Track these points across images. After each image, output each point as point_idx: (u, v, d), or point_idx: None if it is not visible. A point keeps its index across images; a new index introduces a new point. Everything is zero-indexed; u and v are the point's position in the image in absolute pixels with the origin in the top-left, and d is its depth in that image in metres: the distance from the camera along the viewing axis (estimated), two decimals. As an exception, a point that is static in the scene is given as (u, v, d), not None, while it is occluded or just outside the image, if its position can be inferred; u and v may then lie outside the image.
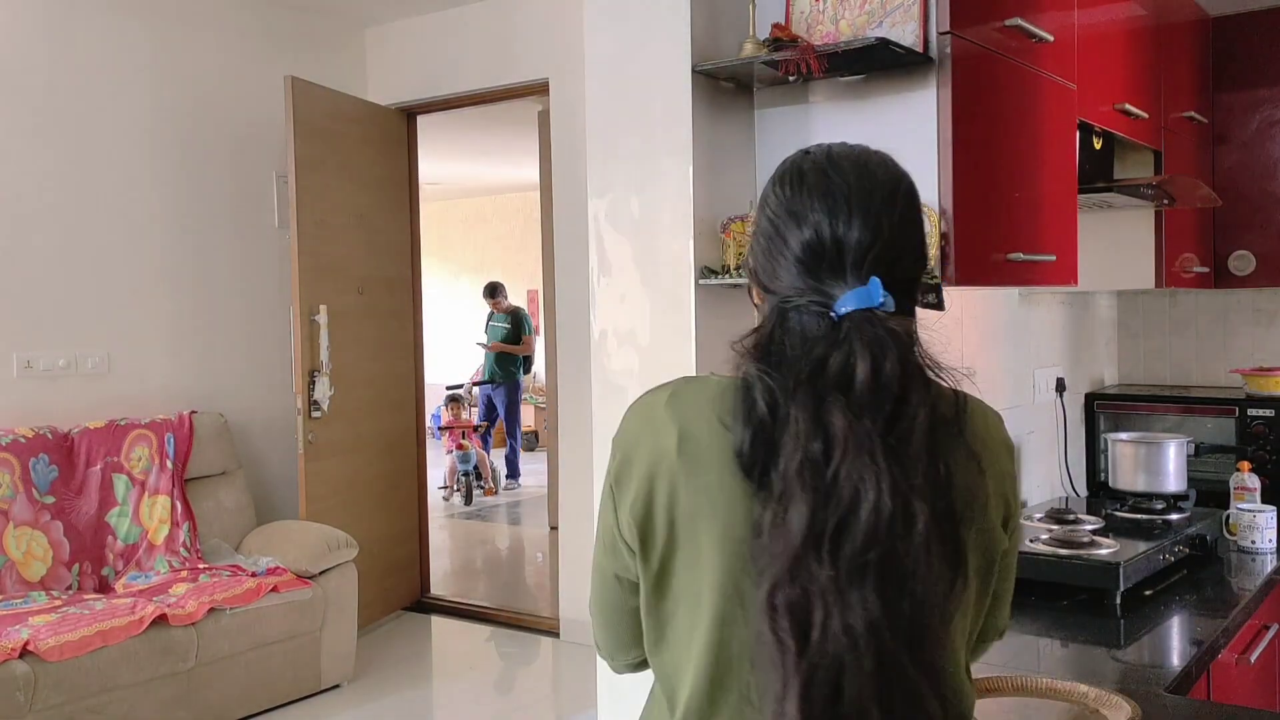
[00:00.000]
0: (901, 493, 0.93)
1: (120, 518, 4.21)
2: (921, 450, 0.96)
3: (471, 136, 8.13)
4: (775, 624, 0.93)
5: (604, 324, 2.17)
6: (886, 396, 0.96)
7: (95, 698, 3.44)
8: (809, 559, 0.93)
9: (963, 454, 1.02)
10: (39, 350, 4.24)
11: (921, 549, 0.94)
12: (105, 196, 4.45)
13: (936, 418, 0.98)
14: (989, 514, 1.06)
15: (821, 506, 0.93)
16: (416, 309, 5.50)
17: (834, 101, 2.08)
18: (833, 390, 0.96)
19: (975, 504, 1.03)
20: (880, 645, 0.91)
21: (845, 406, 0.95)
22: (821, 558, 0.93)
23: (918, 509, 0.93)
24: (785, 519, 0.95)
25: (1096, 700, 1.61)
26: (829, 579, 0.92)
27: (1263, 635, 2.34)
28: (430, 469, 5.78)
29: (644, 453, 1.08)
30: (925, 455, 0.96)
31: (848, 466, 0.94)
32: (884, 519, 0.92)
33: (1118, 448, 2.93)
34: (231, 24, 4.90)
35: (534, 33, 4.87)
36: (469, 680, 4.58)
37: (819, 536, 0.93)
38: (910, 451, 0.95)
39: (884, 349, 0.97)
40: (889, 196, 1.07)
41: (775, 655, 0.93)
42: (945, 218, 1.93)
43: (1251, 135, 3.38)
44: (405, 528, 5.39)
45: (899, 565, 0.93)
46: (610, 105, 2.14)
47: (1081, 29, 2.44)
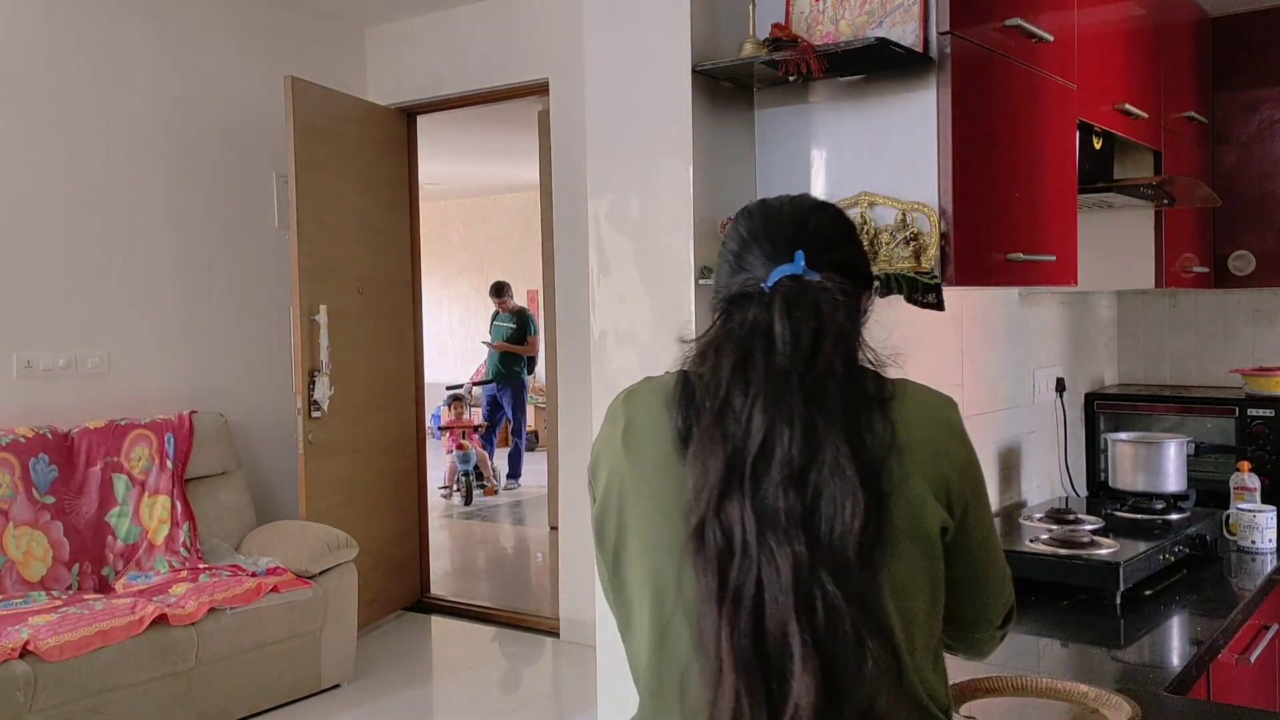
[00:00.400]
0: (815, 428, 1.00)
1: (120, 518, 4.21)
2: (837, 398, 1.03)
3: (471, 136, 8.13)
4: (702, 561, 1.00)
5: (604, 324, 2.17)
6: (805, 348, 1.05)
7: (95, 698, 3.44)
8: (727, 499, 1.01)
9: (879, 424, 1.07)
10: (39, 350, 4.24)
11: (832, 478, 1.00)
12: (105, 196, 4.45)
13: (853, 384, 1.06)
14: (910, 488, 1.09)
15: (738, 449, 1.02)
16: (416, 309, 5.50)
17: (834, 101, 2.08)
18: (757, 344, 1.05)
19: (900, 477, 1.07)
20: (797, 564, 0.97)
21: (765, 356, 1.04)
22: (739, 496, 1.00)
23: (827, 442, 1.00)
24: (706, 467, 1.03)
25: (1096, 700, 1.61)
26: (747, 516, 0.99)
27: (1263, 635, 2.34)
28: (430, 469, 5.78)
29: (603, 449, 1.19)
30: (840, 404, 1.03)
31: (762, 410, 1.02)
32: (798, 455, 1.00)
33: (1118, 448, 2.93)
34: (231, 24, 4.90)
35: (534, 33, 4.87)
36: (469, 680, 4.58)
37: (737, 477, 1.01)
38: (827, 397, 1.02)
39: (803, 307, 1.07)
40: (819, 227, 1.19)
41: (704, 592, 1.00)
42: (945, 218, 1.93)
43: (1251, 135, 3.38)
44: (405, 528, 5.39)
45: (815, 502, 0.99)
46: (610, 105, 2.14)
47: (1081, 29, 2.44)
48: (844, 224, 1.24)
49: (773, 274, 1.12)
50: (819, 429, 1.01)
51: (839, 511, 0.99)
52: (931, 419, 1.15)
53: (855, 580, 0.99)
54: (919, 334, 2.54)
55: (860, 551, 0.99)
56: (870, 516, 1.01)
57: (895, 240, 1.95)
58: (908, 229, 1.95)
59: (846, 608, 0.97)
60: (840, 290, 1.11)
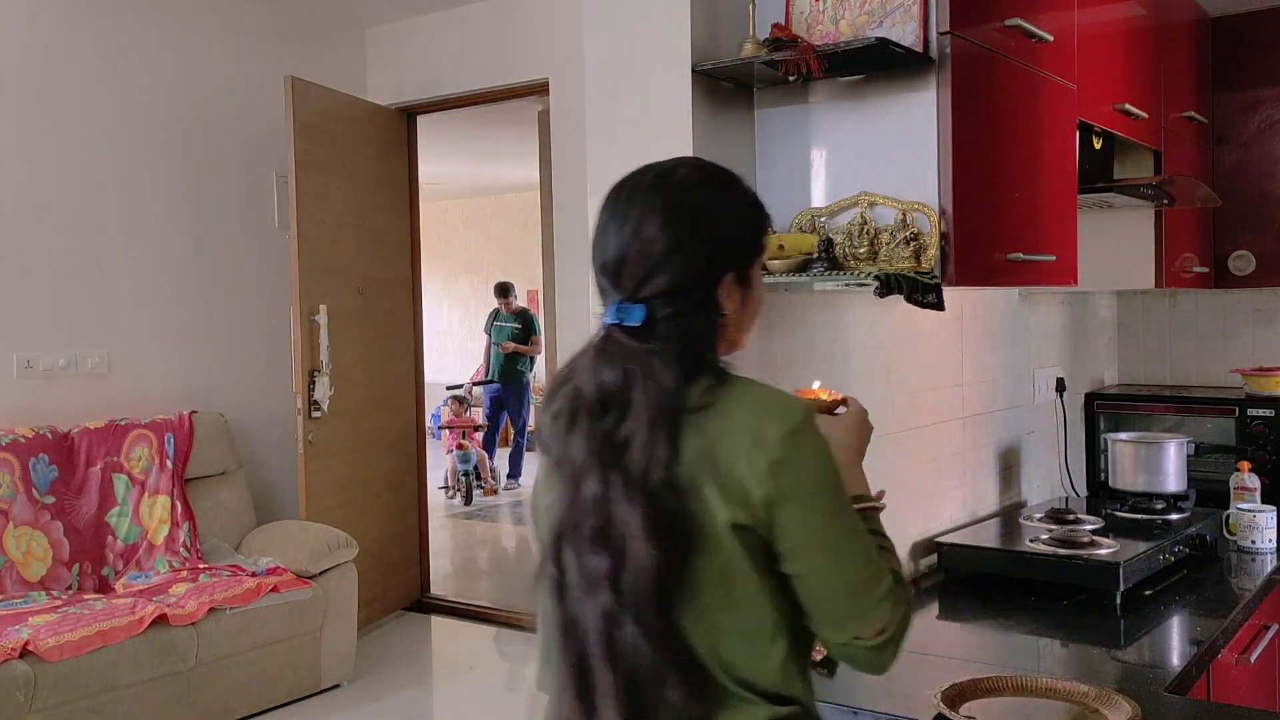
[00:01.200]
0: (612, 491, 1.11)
1: (120, 518, 4.21)
2: (641, 444, 1.11)
3: (471, 136, 8.13)
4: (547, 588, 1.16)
5: (604, 324, 2.17)
6: (610, 400, 1.13)
7: (95, 698, 3.44)
8: (564, 539, 1.14)
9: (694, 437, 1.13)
10: (39, 350, 4.24)
11: (628, 538, 1.09)
12: (105, 196, 4.45)
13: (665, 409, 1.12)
14: (702, 494, 1.12)
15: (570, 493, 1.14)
16: (416, 309, 5.50)
17: (834, 101, 2.08)
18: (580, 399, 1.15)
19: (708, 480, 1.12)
20: (604, 613, 1.10)
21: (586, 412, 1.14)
22: (571, 539, 1.14)
23: (623, 504, 1.10)
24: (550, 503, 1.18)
25: (1096, 700, 1.61)
26: (572, 555, 1.13)
27: (1263, 635, 2.34)
28: (430, 469, 5.78)
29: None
30: (644, 447, 1.11)
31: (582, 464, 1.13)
32: (598, 502, 1.11)
33: (1118, 448, 2.93)
34: (231, 24, 4.90)
35: (534, 33, 4.87)
36: (469, 680, 4.58)
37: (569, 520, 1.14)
38: (627, 457, 1.11)
39: (609, 360, 1.14)
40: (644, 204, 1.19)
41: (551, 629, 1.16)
42: (945, 218, 1.93)
43: (1251, 135, 3.38)
44: (405, 528, 5.39)
45: (615, 550, 1.10)
46: (610, 105, 2.14)
47: (1081, 29, 2.44)
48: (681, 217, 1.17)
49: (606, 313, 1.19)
50: (617, 491, 1.11)
51: (637, 566, 1.09)
52: (742, 425, 1.13)
53: (654, 623, 1.09)
54: (919, 334, 2.54)
55: (658, 598, 1.09)
56: (665, 568, 1.09)
57: (895, 240, 1.95)
58: (908, 229, 1.95)
59: (648, 649, 1.09)
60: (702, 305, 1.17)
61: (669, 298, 1.15)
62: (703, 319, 1.17)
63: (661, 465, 1.10)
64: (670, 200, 1.18)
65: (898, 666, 1.21)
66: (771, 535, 1.13)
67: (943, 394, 2.64)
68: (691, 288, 1.17)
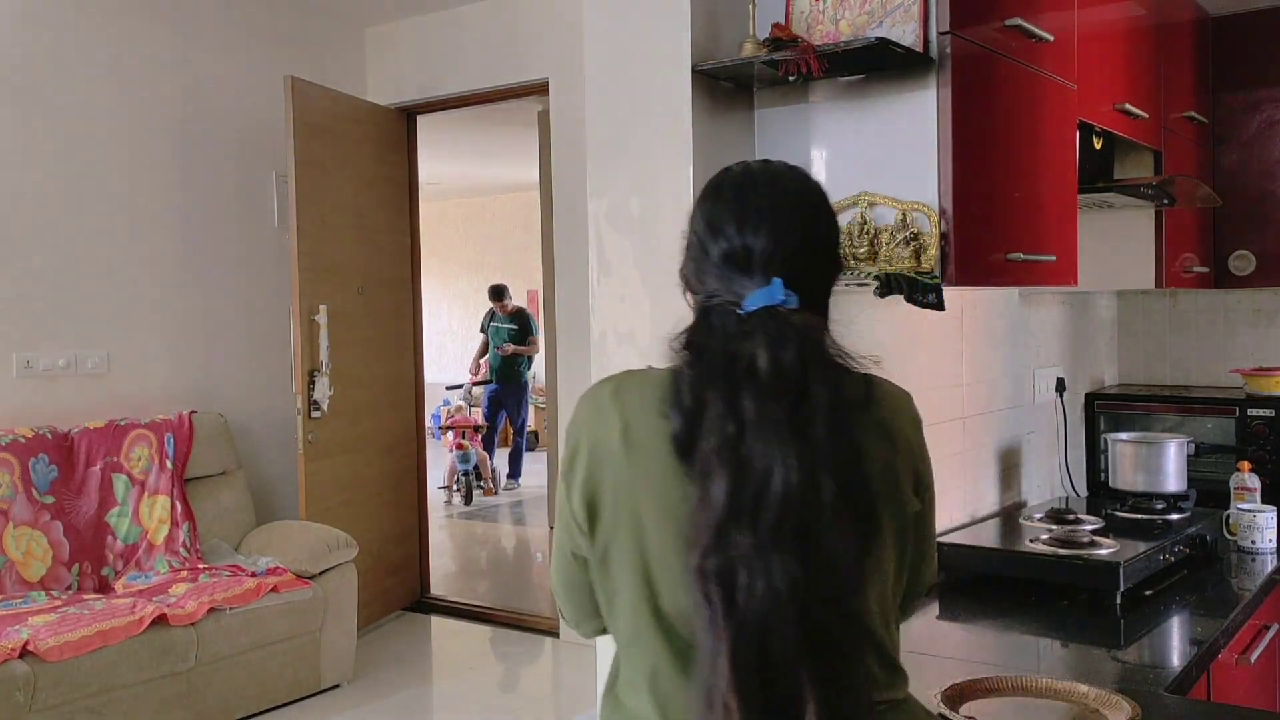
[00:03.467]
0: (807, 466, 1.04)
1: (120, 518, 4.21)
2: (825, 428, 1.06)
3: (471, 136, 8.13)
4: (705, 589, 1.03)
5: (604, 324, 2.17)
6: (789, 382, 1.07)
7: (95, 698, 3.44)
8: (730, 528, 1.03)
9: (873, 431, 1.16)
10: (39, 350, 4.24)
11: (829, 516, 1.04)
12: (105, 196, 4.45)
13: (841, 399, 1.09)
14: (901, 484, 1.20)
15: (738, 481, 1.04)
16: (416, 309, 5.50)
17: (834, 101, 2.08)
18: (744, 378, 1.08)
19: (889, 475, 1.18)
20: (800, 604, 1.01)
21: (755, 392, 1.07)
22: (742, 527, 1.03)
23: (823, 480, 1.04)
24: (709, 494, 1.06)
25: (1096, 700, 1.61)
26: (750, 545, 1.02)
27: (1263, 635, 2.34)
28: (430, 469, 5.78)
29: (591, 440, 1.21)
30: (829, 432, 1.07)
31: (759, 445, 1.05)
32: (793, 490, 1.03)
33: (1118, 448, 2.93)
34: (231, 24, 4.90)
35: (534, 33, 4.87)
36: (469, 680, 4.58)
37: (739, 508, 1.04)
38: (815, 430, 1.06)
39: (783, 340, 1.09)
40: (794, 207, 1.20)
41: (706, 618, 1.03)
42: (945, 218, 1.93)
43: (1251, 135, 3.38)
44: (405, 528, 5.39)
45: (811, 531, 1.03)
46: (610, 105, 2.14)
47: (1081, 29, 2.44)
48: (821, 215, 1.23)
49: (748, 299, 1.13)
50: (812, 464, 1.05)
51: (833, 541, 1.04)
52: (904, 416, 1.24)
53: (849, 603, 1.06)
54: (919, 334, 2.54)
55: (854, 575, 1.07)
56: (862, 542, 1.09)
57: (895, 240, 1.95)
58: (908, 229, 1.95)
59: (843, 630, 1.05)
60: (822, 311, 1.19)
61: (814, 289, 1.19)
62: (825, 321, 1.19)
63: (850, 453, 1.08)
64: (818, 198, 1.24)
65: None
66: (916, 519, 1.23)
67: (943, 394, 2.64)
68: (828, 283, 1.23)
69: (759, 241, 1.16)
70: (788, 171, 1.25)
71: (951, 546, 2.48)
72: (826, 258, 1.23)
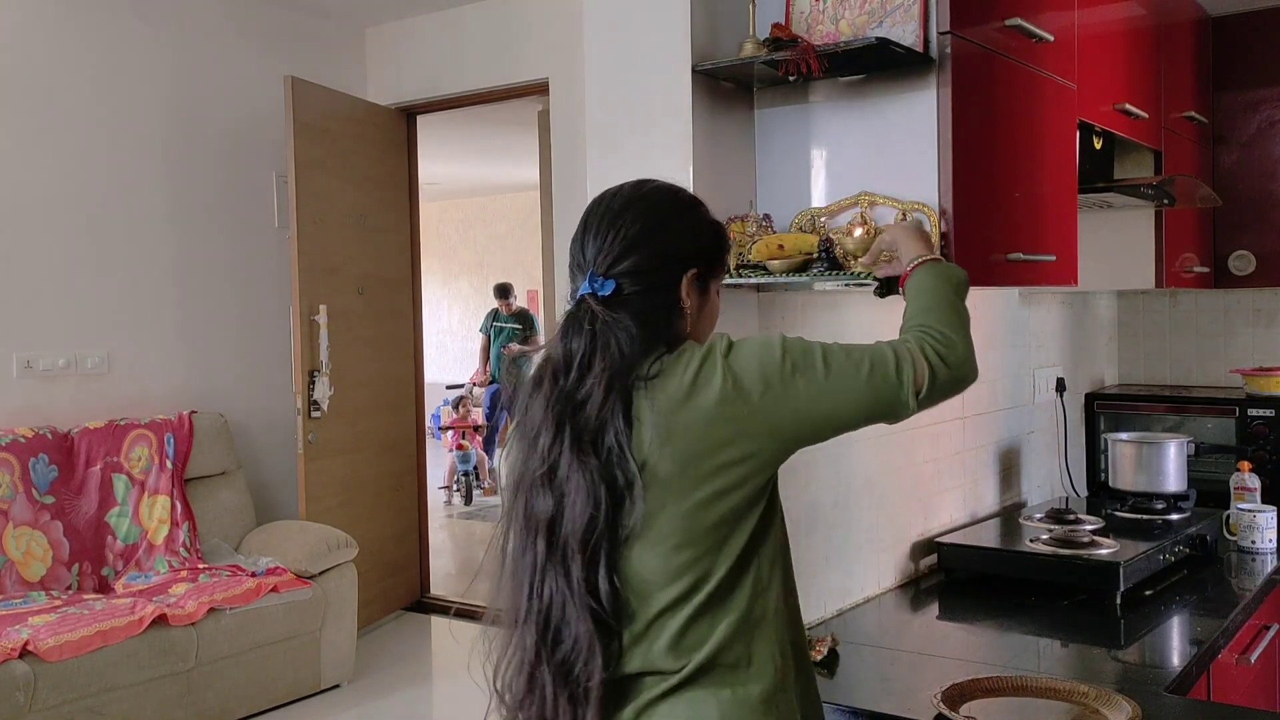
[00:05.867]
0: (563, 448, 1.24)
1: (120, 518, 4.21)
2: (596, 404, 1.23)
3: (471, 136, 8.12)
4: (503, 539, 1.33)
5: (604, 324, 2.17)
6: (576, 372, 1.26)
7: (95, 698, 3.44)
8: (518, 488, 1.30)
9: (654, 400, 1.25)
10: (39, 350, 4.24)
11: (570, 490, 1.24)
12: (105, 196, 4.45)
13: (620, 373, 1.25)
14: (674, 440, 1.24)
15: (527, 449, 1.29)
16: (416, 309, 5.50)
17: (834, 101, 2.08)
18: (549, 364, 1.30)
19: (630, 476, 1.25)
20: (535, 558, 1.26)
21: (551, 375, 1.28)
22: (522, 486, 1.29)
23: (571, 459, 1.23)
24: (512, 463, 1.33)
25: (1096, 700, 1.61)
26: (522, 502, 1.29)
27: (1263, 635, 2.34)
28: (430, 469, 5.78)
29: None
30: (598, 407, 1.23)
31: (542, 423, 1.27)
32: (549, 466, 1.25)
33: (1118, 448, 2.93)
34: (231, 24, 4.90)
35: (534, 33, 4.87)
36: (469, 680, 4.56)
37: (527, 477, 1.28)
38: (579, 418, 1.24)
39: (578, 325, 1.29)
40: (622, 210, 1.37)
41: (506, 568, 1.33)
42: (945, 218, 1.93)
43: (1251, 135, 3.38)
44: (405, 528, 5.39)
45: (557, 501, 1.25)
46: (610, 105, 2.14)
47: (1082, 29, 2.44)
48: (652, 217, 1.35)
49: (579, 289, 1.33)
50: (566, 449, 1.24)
51: (572, 516, 1.23)
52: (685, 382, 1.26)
53: (576, 571, 1.23)
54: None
55: (584, 548, 1.23)
56: (595, 518, 1.22)
57: (895, 240, 1.95)
58: (908, 229, 1.94)
59: (566, 593, 1.23)
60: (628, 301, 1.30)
61: (636, 277, 1.32)
62: (663, 302, 1.32)
63: (612, 426, 1.23)
64: (647, 204, 1.38)
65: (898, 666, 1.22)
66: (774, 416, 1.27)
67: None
68: (656, 271, 1.33)
69: (587, 250, 1.36)
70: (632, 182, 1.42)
71: (951, 547, 2.48)
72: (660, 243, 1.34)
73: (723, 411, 1.24)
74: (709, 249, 1.40)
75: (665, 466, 1.23)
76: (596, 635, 1.23)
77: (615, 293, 1.31)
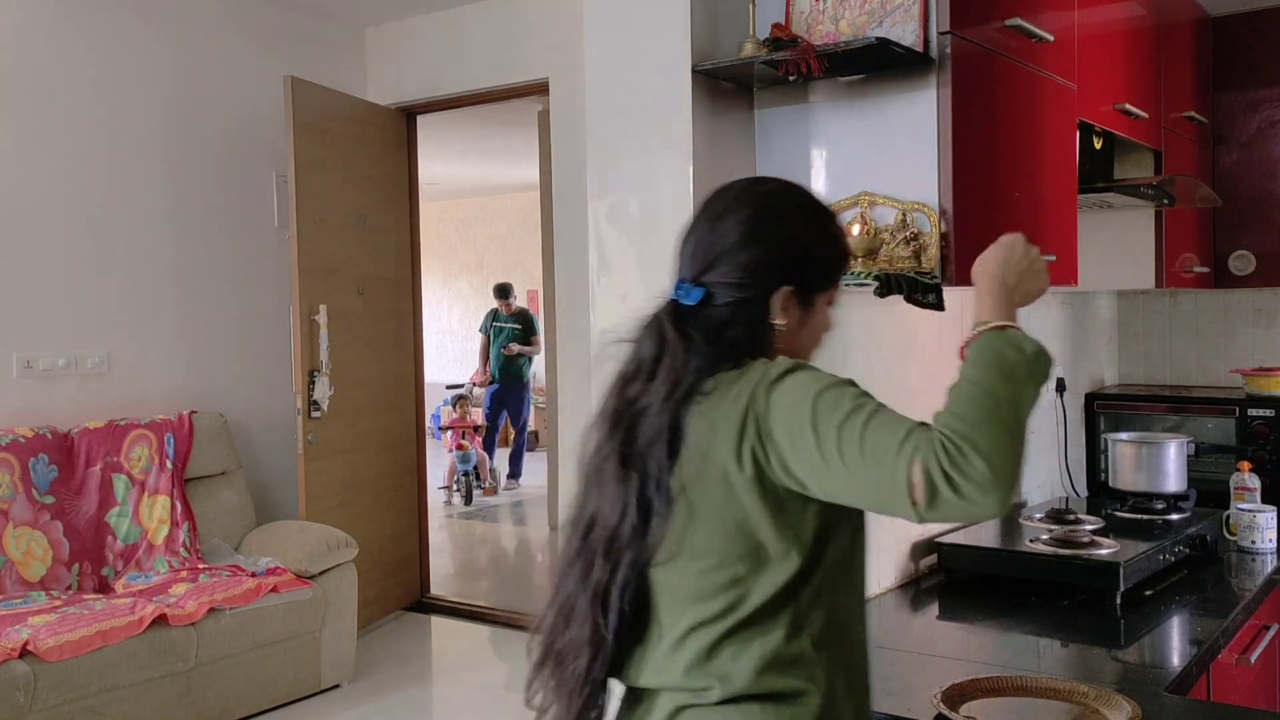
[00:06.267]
0: (610, 443, 1.25)
1: (120, 518, 4.21)
2: (653, 414, 1.22)
3: (471, 136, 8.12)
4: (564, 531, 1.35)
5: (604, 324, 2.17)
6: (641, 377, 1.25)
7: (95, 698, 3.44)
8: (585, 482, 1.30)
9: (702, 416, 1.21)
10: (39, 350, 4.24)
11: (606, 487, 1.24)
12: (105, 196, 4.44)
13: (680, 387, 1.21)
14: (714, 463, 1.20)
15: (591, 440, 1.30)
16: (416, 309, 5.50)
17: (834, 101, 2.08)
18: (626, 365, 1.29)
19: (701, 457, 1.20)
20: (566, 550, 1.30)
21: (619, 375, 1.28)
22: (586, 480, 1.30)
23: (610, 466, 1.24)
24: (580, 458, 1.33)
25: (1096, 700, 1.61)
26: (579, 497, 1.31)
27: (1263, 635, 2.34)
28: (430, 469, 5.78)
29: None
30: (653, 419, 1.22)
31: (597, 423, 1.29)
32: (595, 454, 1.27)
33: (1118, 448, 2.93)
34: (231, 24, 4.90)
35: (534, 33, 4.87)
36: (469, 680, 4.58)
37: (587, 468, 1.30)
38: (634, 428, 1.23)
39: (653, 333, 1.26)
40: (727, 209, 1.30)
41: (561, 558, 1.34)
42: (945, 218, 1.93)
43: (1251, 135, 3.38)
44: (405, 528, 5.39)
45: (595, 502, 1.26)
46: (610, 105, 2.14)
47: (1082, 29, 2.44)
48: (755, 223, 1.27)
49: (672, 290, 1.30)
50: (613, 457, 1.24)
51: (604, 522, 1.24)
52: (737, 395, 1.20)
53: (595, 574, 1.24)
54: (919, 334, 2.54)
55: (608, 556, 1.23)
56: (621, 531, 1.22)
57: (895, 240, 1.95)
58: (908, 229, 1.95)
59: (580, 592, 1.25)
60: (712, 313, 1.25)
61: (726, 288, 1.25)
62: (750, 317, 1.25)
63: (659, 445, 1.21)
64: (754, 207, 1.29)
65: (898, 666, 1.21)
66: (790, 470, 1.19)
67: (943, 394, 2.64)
68: (748, 284, 1.25)
69: (688, 239, 1.31)
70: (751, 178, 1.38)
71: (951, 546, 2.48)
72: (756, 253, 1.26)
73: (748, 447, 1.17)
74: (818, 261, 1.30)
75: (704, 486, 1.19)
76: (589, 643, 1.24)
77: (702, 302, 1.25)
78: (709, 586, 1.20)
